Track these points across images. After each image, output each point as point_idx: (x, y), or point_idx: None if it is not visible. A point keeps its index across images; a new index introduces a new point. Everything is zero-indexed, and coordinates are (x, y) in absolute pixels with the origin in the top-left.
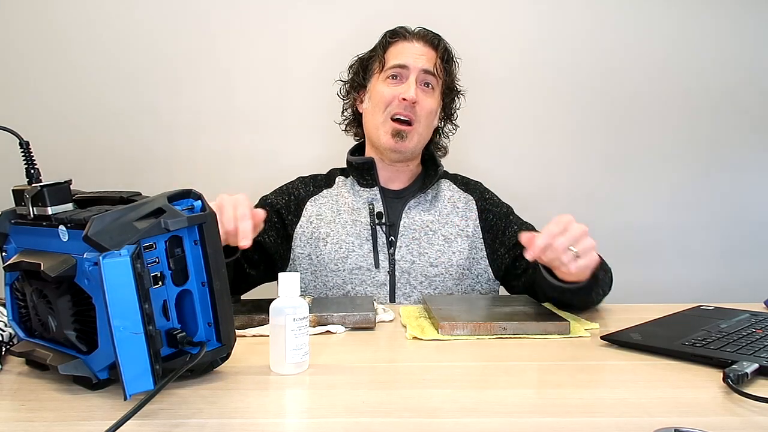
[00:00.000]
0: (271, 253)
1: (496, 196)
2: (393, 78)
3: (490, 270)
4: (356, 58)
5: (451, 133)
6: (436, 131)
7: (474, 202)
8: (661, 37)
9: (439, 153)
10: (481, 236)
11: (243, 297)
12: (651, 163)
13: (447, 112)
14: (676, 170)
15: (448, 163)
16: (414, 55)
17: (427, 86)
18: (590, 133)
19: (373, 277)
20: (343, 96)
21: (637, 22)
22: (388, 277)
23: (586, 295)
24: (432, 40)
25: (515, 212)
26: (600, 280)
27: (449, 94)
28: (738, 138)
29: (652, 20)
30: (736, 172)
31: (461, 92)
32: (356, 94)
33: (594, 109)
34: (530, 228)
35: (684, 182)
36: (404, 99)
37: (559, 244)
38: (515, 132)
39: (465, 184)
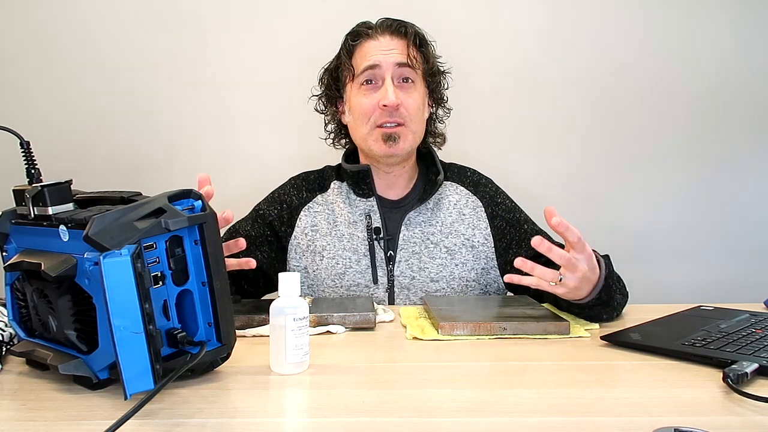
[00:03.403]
0: (265, 269)
1: (509, 199)
2: (368, 83)
3: (501, 280)
4: (323, 70)
5: (445, 117)
6: (429, 119)
7: (483, 208)
8: (663, 37)
9: (438, 141)
10: (492, 245)
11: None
12: (651, 163)
13: (435, 97)
14: (677, 170)
15: (451, 159)
16: (383, 52)
17: (406, 81)
18: (591, 133)
19: (372, 294)
20: (322, 111)
21: (641, 22)
22: (387, 294)
23: (595, 314)
24: (399, 29)
25: (528, 216)
26: (610, 301)
27: (433, 78)
28: (739, 138)
29: (655, 20)
30: (736, 172)
31: (445, 72)
32: (335, 108)
33: (595, 110)
34: (545, 237)
35: (684, 182)
36: (385, 105)
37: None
38: (516, 131)
39: (475, 184)
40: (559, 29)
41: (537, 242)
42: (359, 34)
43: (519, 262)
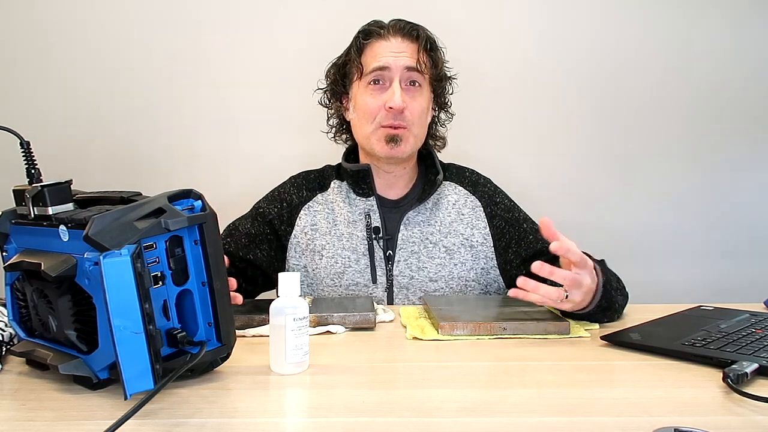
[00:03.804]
0: (264, 267)
1: (507, 198)
2: (375, 83)
3: (501, 280)
4: (331, 65)
5: (447, 122)
6: (431, 122)
7: (482, 208)
8: (663, 37)
9: (438, 144)
10: (491, 245)
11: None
12: (651, 163)
13: (439, 102)
14: (677, 170)
15: (451, 160)
16: (393, 54)
17: (413, 84)
18: (591, 132)
19: (371, 293)
20: (326, 105)
21: (640, 22)
22: (386, 293)
23: (596, 320)
24: (411, 32)
25: (527, 214)
26: (611, 306)
27: (439, 84)
28: (738, 138)
29: (655, 21)
30: (736, 172)
31: (452, 77)
32: (340, 103)
33: (595, 109)
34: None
35: (684, 182)
36: (391, 108)
37: (544, 293)
38: (516, 131)
39: (473, 183)
40: (559, 30)
41: (537, 267)
42: (371, 33)
43: (521, 281)
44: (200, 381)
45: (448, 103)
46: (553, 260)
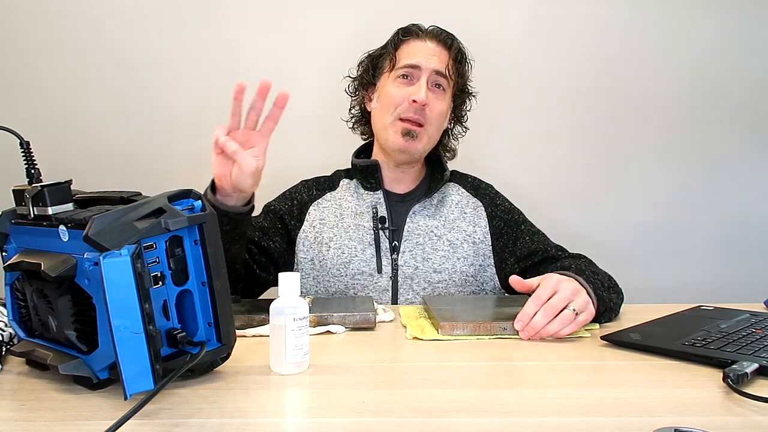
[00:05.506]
0: (275, 257)
1: (508, 201)
2: (403, 78)
3: (497, 278)
4: (366, 55)
5: (460, 135)
6: (445, 133)
7: (483, 208)
8: (661, 37)
9: (448, 155)
10: (490, 243)
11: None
12: (651, 163)
13: (457, 114)
14: (677, 170)
15: (452, 161)
16: (426, 55)
17: (438, 87)
18: (590, 133)
19: (376, 283)
20: (351, 93)
21: (637, 22)
22: (391, 283)
23: (594, 320)
24: (445, 39)
25: (526, 217)
26: (608, 306)
27: (460, 96)
28: (738, 138)
29: (652, 21)
30: (735, 172)
31: (473, 94)
32: (365, 92)
33: (594, 110)
34: (541, 238)
35: (684, 182)
36: (414, 101)
37: (535, 323)
38: (516, 132)
39: (475, 188)
40: (555, 33)
41: (513, 281)
42: (410, 31)
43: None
44: (200, 381)
45: (465, 118)
46: (544, 261)
